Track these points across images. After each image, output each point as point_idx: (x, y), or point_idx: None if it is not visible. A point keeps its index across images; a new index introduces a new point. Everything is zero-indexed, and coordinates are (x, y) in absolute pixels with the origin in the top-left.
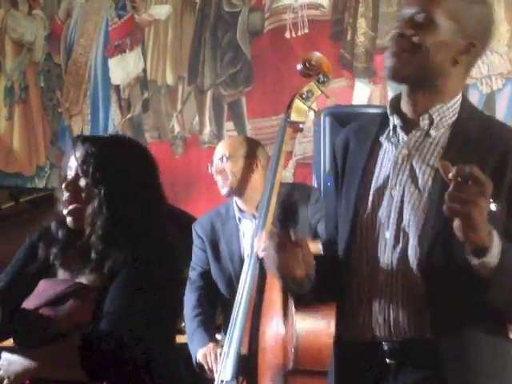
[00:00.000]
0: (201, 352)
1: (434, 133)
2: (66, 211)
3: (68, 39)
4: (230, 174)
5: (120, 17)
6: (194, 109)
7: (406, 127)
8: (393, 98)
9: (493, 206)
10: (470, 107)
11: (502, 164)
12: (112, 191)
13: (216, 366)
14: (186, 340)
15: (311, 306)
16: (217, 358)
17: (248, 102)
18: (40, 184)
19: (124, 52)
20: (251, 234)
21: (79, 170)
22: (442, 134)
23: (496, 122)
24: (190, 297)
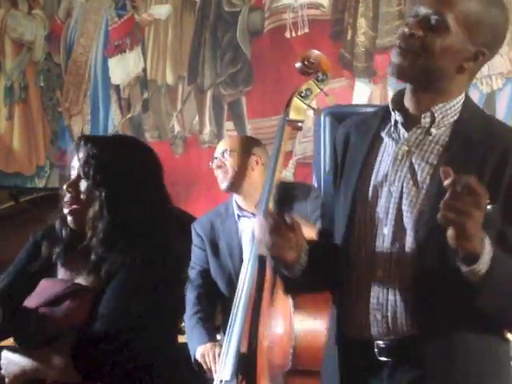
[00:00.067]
0: (199, 351)
1: (434, 131)
2: (66, 210)
3: (68, 39)
4: (230, 169)
5: (120, 16)
6: (194, 108)
7: (408, 124)
8: (396, 92)
9: (489, 207)
10: (472, 106)
11: (501, 163)
12: (113, 193)
13: (215, 365)
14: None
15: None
16: (215, 357)
17: (248, 102)
18: (40, 184)
19: (124, 52)
20: (250, 231)
21: (81, 172)
22: (443, 132)
23: (496, 122)
24: (189, 295)
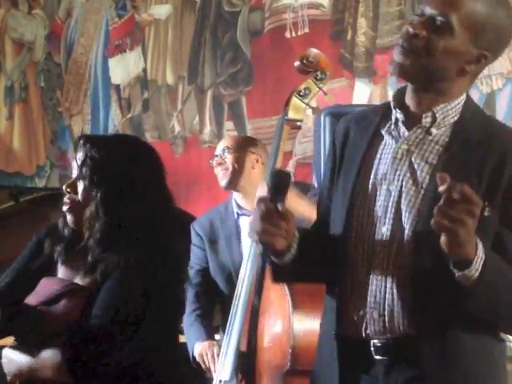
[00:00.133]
0: (197, 349)
1: (435, 131)
2: (65, 208)
3: (68, 39)
4: (230, 166)
5: (120, 16)
6: (194, 108)
7: (408, 122)
8: (397, 90)
9: (486, 211)
10: (472, 107)
11: (500, 165)
12: (110, 194)
13: (213, 365)
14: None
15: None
16: (214, 357)
17: (248, 102)
18: (40, 183)
19: (124, 52)
20: None
21: (78, 173)
22: (443, 132)
23: (496, 123)
24: (187, 294)
